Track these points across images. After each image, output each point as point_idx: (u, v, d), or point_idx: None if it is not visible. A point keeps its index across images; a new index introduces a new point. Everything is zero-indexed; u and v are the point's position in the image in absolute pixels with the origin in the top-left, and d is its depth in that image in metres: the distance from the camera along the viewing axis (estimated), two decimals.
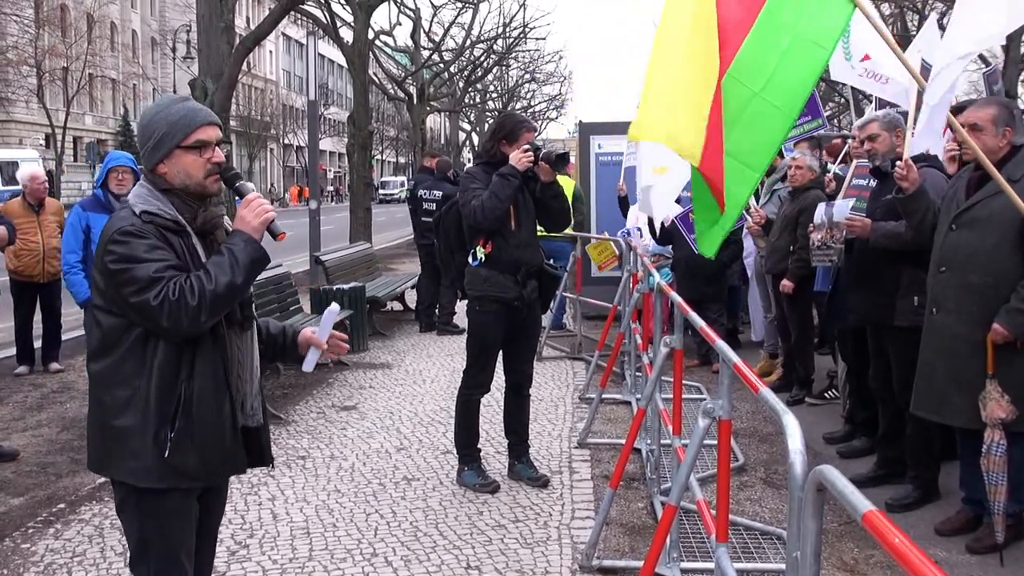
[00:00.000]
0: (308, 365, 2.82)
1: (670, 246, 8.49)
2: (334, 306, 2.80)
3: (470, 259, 4.97)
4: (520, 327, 5.06)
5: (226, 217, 2.80)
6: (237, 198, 2.71)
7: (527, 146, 4.84)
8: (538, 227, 5.18)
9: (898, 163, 4.42)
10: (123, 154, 6.56)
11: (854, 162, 5.62)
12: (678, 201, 7.49)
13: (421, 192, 10.41)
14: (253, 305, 2.78)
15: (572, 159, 11.13)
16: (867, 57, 6.36)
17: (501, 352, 5.15)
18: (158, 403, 2.47)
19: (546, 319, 6.99)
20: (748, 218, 7.24)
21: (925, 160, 4.98)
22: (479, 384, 5.10)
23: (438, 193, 10.23)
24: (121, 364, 2.48)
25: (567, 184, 10.22)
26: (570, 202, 9.47)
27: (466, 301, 5.13)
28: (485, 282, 4.92)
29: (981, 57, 16.76)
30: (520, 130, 4.95)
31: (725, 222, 3.83)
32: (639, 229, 8.92)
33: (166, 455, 2.47)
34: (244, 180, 2.67)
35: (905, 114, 4.76)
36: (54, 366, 8.19)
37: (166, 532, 2.57)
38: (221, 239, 2.63)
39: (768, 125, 3.66)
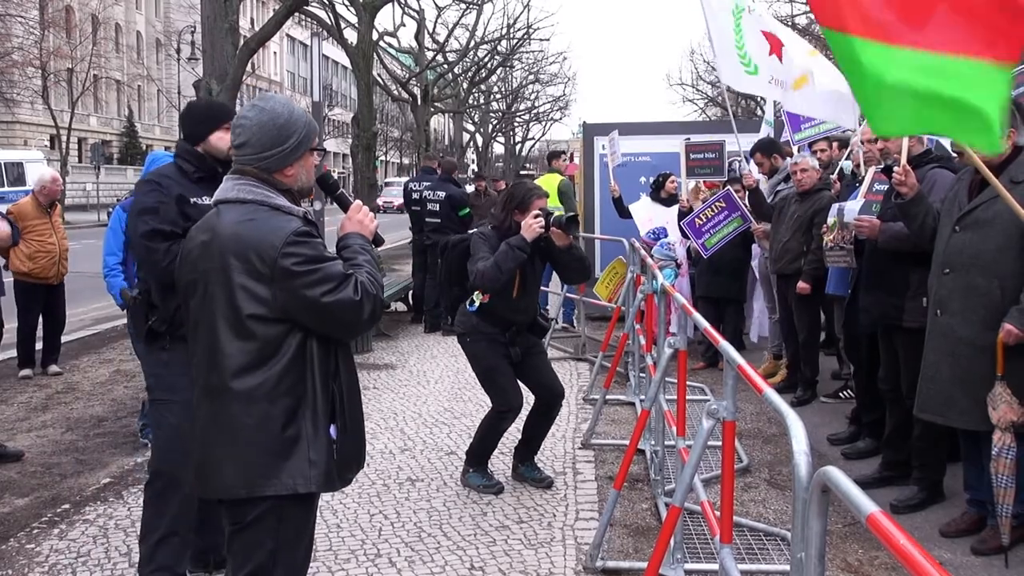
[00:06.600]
0: None
1: (674, 246, 8.48)
2: None
3: (467, 304, 4.98)
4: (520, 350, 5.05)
5: None
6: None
7: (537, 212, 4.84)
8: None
9: (896, 168, 4.41)
10: (167, 154, 6.44)
11: (871, 168, 5.55)
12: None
13: (425, 193, 10.45)
14: None
15: (576, 160, 11.14)
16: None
17: (524, 377, 5.10)
18: (324, 405, 2.53)
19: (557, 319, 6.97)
20: (754, 221, 7.24)
21: (936, 161, 4.96)
22: (510, 407, 5.03)
23: (441, 194, 10.27)
24: (285, 372, 2.47)
25: (553, 180, 10.25)
26: (557, 199, 9.52)
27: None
28: (474, 327, 4.99)
29: None
30: (531, 197, 4.94)
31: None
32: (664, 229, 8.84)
33: (336, 455, 2.55)
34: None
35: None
36: (53, 368, 8.12)
37: (301, 539, 2.60)
38: None
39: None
